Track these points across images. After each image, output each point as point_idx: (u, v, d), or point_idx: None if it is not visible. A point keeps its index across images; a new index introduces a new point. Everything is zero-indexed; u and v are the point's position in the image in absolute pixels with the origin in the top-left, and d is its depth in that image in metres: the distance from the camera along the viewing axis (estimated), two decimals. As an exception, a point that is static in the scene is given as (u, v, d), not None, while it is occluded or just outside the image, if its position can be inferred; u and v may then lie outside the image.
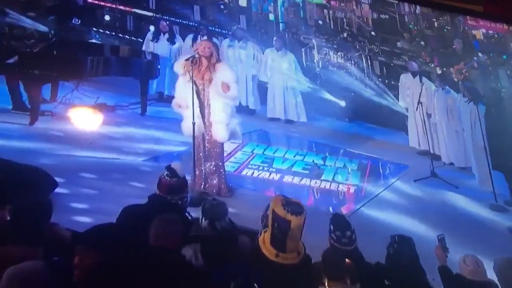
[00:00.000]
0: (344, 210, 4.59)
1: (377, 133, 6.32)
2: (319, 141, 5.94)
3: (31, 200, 2.81)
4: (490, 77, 6.46)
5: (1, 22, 4.96)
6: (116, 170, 4.44)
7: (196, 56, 4.34)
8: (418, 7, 7.23)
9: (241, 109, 5.46)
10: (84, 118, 4.80)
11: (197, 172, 4.41)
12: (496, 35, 6.89)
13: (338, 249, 3.21)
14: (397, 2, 7.27)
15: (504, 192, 5.35)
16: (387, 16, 7.16)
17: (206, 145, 4.42)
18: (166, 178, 3.39)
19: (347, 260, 3.01)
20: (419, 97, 6.02)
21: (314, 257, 3.15)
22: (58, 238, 2.86)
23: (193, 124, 4.27)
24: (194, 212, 3.43)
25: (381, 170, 5.61)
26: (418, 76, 6.21)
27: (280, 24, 6.98)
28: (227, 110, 4.38)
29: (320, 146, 5.84)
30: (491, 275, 3.47)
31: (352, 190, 5.08)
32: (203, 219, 3.19)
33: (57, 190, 3.71)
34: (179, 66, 4.40)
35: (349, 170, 5.44)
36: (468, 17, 7.08)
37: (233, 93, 4.34)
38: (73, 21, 5.69)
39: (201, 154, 4.41)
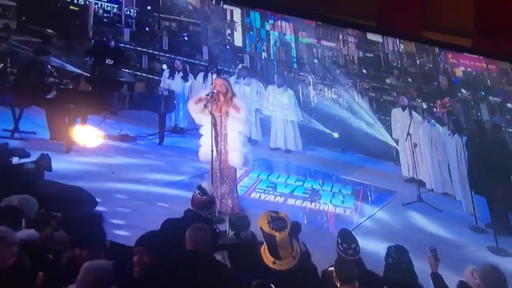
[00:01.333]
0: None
1: (367, 162, 6.78)
2: (316, 169, 6.45)
3: (88, 213, 3.47)
4: (472, 110, 6.90)
5: (41, 62, 5.62)
6: (143, 192, 5.05)
7: (215, 92, 5.07)
8: (402, 46, 7.82)
9: (245, 140, 6.06)
10: (111, 146, 5.49)
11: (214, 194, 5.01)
12: (474, 73, 7.29)
13: (345, 259, 3.79)
14: (381, 41, 8.02)
15: (485, 216, 5.81)
16: (372, 55, 7.59)
17: (223, 170, 5.07)
18: (198, 195, 4.07)
19: (355, 269, 3.65)
20: (408, 129, 6.57)
21: (321, 265, 3.83)
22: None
23: (212, 151, 4.94)
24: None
25: (371, 196, 6.10)
26: (407, 109, 6.80)
27: (275, 62, 7.60)
28: (241, 140, 5.07)
29: (317, 173, 6.35)
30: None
31: (347, 212, 5.68)
32: (230, 230, 3.86)
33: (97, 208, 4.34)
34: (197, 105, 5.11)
35: (342, 195, 5.98)
36: (449, 55, 7.68)
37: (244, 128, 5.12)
38: (107, 61, 6.28)
39: (217, 178, 5.04)
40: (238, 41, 7.45)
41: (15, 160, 3.99)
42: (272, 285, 3.33)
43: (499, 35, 6.13)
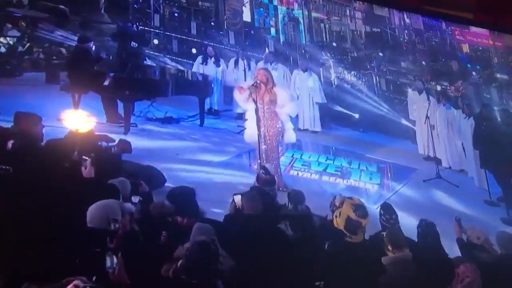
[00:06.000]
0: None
1: (387, 141, 7.54)
2: (342, 148, 7.18)
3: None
4: (483, 94, 7.77)
5: (86, 49, 6.26)
6: (199, 170, 5.77)
7: (257, 82, 5.91)
8: (408, 20, 8.48)
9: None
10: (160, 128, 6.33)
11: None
12: (481, 48, 8.21)
13: (394, 227, 4.69)
14: (388, 16, 8.74)
15: (497, 190, 6.59)
16: (379, 30, 8.40)
17: (267, 151, 5.88)
18: (262, 174, 4.98)
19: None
20: (427, 111, 7.32)
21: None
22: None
23: (258, 136, 5.80)
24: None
25: (394, 173, 6.85)
26: (424, 93, 7.57)
27: (297, 46, 8.25)
28: (289, 119, 5.98)
29: (343, 152, 7.07)
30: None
31: (375, 187, 6.47)
32: (289, 203, 4.77)
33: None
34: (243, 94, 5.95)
35: (369, 172, 6.71)
36: (456, 32, 8.48)
37: (291, 111, 5.97)
38: (131, 44, 6.89)
39: (263, 158, 5.88)
40: (246, 16, 8.11)
41: (104, 144, 4.74)
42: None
43: (500, 12, 6.83)
